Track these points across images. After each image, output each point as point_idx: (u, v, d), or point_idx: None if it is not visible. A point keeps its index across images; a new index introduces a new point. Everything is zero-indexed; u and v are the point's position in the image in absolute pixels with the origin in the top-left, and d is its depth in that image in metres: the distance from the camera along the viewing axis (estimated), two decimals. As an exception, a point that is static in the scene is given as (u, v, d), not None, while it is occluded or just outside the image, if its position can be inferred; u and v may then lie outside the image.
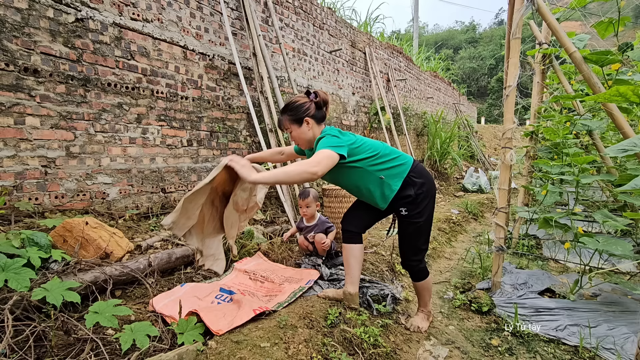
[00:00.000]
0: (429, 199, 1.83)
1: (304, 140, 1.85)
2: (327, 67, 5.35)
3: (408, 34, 17.18)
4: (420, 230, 1.84)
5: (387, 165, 1.79)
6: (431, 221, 1.89)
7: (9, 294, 1.46)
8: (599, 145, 2.69)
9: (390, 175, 1.79)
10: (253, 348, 1.47)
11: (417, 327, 2.01)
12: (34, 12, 2.25)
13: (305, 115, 1.78)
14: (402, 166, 1.81)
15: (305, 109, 1.78)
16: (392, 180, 1.79)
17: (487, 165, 10.79)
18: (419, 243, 1.88)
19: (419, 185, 1.79)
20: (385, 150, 1.85)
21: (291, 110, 1.80)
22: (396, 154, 1.86)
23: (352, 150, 1.75)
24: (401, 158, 1.84)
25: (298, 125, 1.81)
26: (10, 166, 2.18)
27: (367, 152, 1.79)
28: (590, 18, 2.24)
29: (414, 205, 1.79)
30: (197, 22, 3.31)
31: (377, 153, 1.81)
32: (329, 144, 1.64)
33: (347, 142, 1.73)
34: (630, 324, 1.88)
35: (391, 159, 1.81)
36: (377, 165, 1.79)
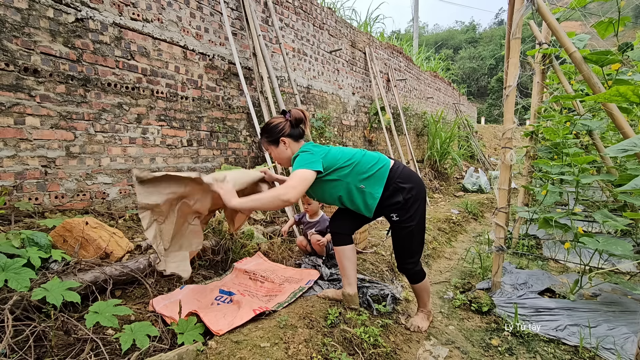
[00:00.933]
0: (419, 202, 1.81)
1: (283, 159, 1.88)
2: (327, 67, 5.35)
3: (408, 34, 17.18)
4: (413, 233, 1.83)
5: (366, 173, 1.78)
6: (424, 223, 1.88)
7: (9, 294, 1.46)
8: (599, 145, 2.69)
9: (371, 183, 1.78)
10: (253, 348, 1.47)
11: (417, 326, 2.02)
12: (34, 12, 2.25)
13: (280, 135, 1.80)
14: (380, 170, 1.78)
15: (280, 129, 1.80)
16: (373, 187, 1.78)
17: (487, 165, 10.79)
18: (412, 246, 1.88)
19: (407, 190, 1.77)
20: (361, 156, 1.83)
21: (267, 132, 1.83)
22: (373, 159, 1.83)
23: (328, 162, 1.75)
24: (379, 162, 1.81)
25: (275, 146, 1.84)
26: (10, 166, 2.18)
27: (342, 161, 1.78)
28: (590, 18, 2.24)
29: (404, 211, 1.78)
30: (197, 22, 3.31)
31: (353, 161, 1.79)
32: (302, 163, 1.66)
33: (320, 155, 1.74)
34: (630, 324, 1.88)
35: (369, 166, 1.79)
36: (356, 175, 1.78)
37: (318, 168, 1.68)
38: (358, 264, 2.73)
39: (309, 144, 1.83)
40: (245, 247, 2.60)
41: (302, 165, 1.66)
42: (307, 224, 2.68)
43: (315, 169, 1.67)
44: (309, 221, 2.67)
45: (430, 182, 7.27)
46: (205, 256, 2.35)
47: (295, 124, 1.84)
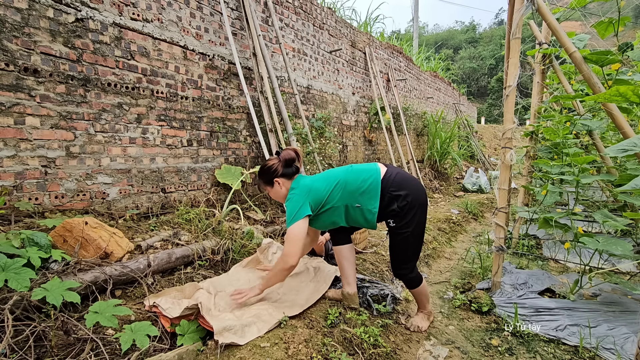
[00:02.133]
0: (417, 209, 1.78)
1: (279, 197, 1.94)
2: (327, 67, 5.35)
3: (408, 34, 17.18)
4: (408, 240, 1.82)
5: (358, 191, 1.80)
6: (422, 231, 1.86)
7: (9, 294, 1.46)
8: (599, 145, 2.69)
9: (365, 200, 1.79)
10: (253, 348, 1.47)
11: (417, 326, 2.02)
12: (34, 12, 2.25)
13: (274, 176, 1.87)
14: (372, 184, 1.79)
15: (273, 170, 1.86)
16: (369, 203, 1.79)
17: (487, 165, 10.79)
18: (408, 253, 1.87)
19: (402, 197, 1.76)
20: (348, 174, 1.85)
21: (262, 174, 1.91)
22: (362, 173, 1.83)
23: (315, 199, 1.81)
24: (369, 176, 1.81)
25: (271, 187, 1.91)
26: (10, 166, 2.18)
27: (329, 190, 1.82)
28: (590, 18, 2.24)
29: (400, 217, 1.79)
30: (197, 22, 3.31)
31: (340, 185, 1.82)
32: (290, 217, 1.75)
33: (304, 195, 1.79)
34: (630, 324, 1.88)
35: (359, 182, 1.80)
36: (349, 196, 1.81)
37: (307, 213, 1.76)
38: (358, 264, 2.73)
39: (295, 181, 1.89)
40: (245, 247, 2.60)
41: (291, 221, 1.75)
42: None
43: (304, 215, 1.75)
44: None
45: (430, 182, 7.27)
46: (205, 256, 2.35)
47: (287, 164, 1.88)
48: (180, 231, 2.61)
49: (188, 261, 2.28)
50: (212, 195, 3.40)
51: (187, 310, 1.63)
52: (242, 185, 3.61)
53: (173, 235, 2.53)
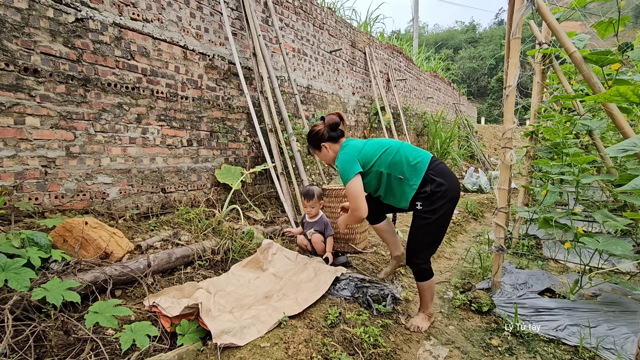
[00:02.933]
0: (447, 200, 1.81)
1: (328, 160, 2.10)
2: (327, 67, 5.35)
3: (408, 34, 17.18)
4: (430, 227, 1.84)
5: (404, 163, 1.87)
6: (445, 224, 1.87)
7: (9, 294, 1.46)
8: (599, 145, 2.69)
9: (410, 174, 1.85)
10: (253, 348, 1.47)
11: (417, 327, 2.02)
12: (34, 12, 2.25)
13: (321, 141, 2.03)
14: (419, 164, 1.85)
15: (320, 135, 2.02)
16: (412, 178, 1.85)
17: (487, 165, 10.79)
18: (426, 240, 1.89)
19: (437, 184, 1.80)
20: (399, 147, 1.93)
21: (310, 140, 2.08)
22: (414, 150, 1.93)
23: (363, 158, 1.91)
24: (419, 152, 1.91)
25: (319, 151, 2.07)
26: (10, 166, 2.18)
27: (378, 153, 1.91)
28: (590, 18, 2.24)
29: (428, 202, 1.82)
30: (197, 22, 3.31)
31: (388, 148, 1.92)
32: (345, 174, 1.87)
33: (355, 153, 1.90)
34: (630, 324, 1.88)
35: (410, 157, 1.87)
36: (393, 165, 1.88)
37: (358, 170, 1.87)
38: (358, 264, 2.74)
39: (347, 145, 1.99)
40: (245, 247, 2.60)
41: (346, 179, 1.87)
42: (307, 224, 2.70)
43: (356, 172, 1.86)
44: (309, 221, 2.68)
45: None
46: (205, 256, 2.35)
47: (331, 128, 2.03)
48: (180, 231, 2.61)
49: (188, 261, 2.28)
50: (212, 195, 3.40)
51: (187, 309, 1.63)
52: (242, 185, 3.61)
53: (173, 235, 2.53)
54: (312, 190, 2.61)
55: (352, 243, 2.89)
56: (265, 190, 3.98)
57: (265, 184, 4.02)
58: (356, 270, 2.63)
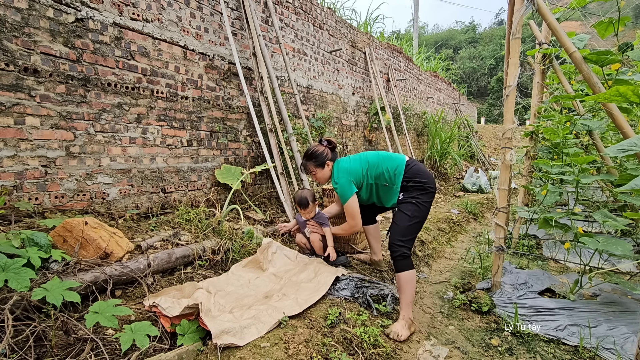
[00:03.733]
0: (423, 191, 2.13)
1: (325, 178, 2.35)
2: (327, 67, 5.35)
3: (408, 34, 17.18)
4: (412, 211, 2.08)
5: (385, 174, 2.20)
6: (424, 212, 2.12)
7: (9, 294, 1.46)
8: (599, 145, 2.69)
9: (391, 180, 2.19)
10: (253, 348, 1.47)
11: (397, 333, 1.89)
12: (34, 12, 2.25)
13: (325, 160, 2.30)
14: (397, 169, 2.19)
15: (325, 155, 2.30)
16: (395, 182, 2.19)
17: (487, 165, 10.79)
18: (407, 223, 2.08)
19: (413, 181, 2.15)
20: (379, 159, 2.25)
21: (315, 158, 2.30)
22: (391, 159, 2.24)
23: (356, 180, 2.22)
24: (395, 161, 2.23)
25: (321, 169, 2.31)
26: (10, 166, 2.18)
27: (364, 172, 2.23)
28: (590, 18, 2.24)
29: (409, 192, 2.14)
30: (197, 22, 3.31)
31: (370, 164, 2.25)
32: (345, 195, 2.19)
33: (349, 178, 2.20)
34: (630, 324, 1.88)
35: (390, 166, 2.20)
36: (378, 175, 2.22)
37: (354, 191, 2.19)
38: (358, 264, 2.74)
39: (336, 164, 2.30)
40: (245, 247, 2.60)
41: (345, 199, 2.19)
42: (304, 222, 2.66)
43: (353, 192, 2.18)
44: (301, 220, 2.64)
45: (430, 182, 7.26)
46: (205, 256, 2.35)
47: (332, 149, 2.36)
48: (180, 231, 2.61)
49: (188, 261, 2.28)
50: (212, 195, 3.40)
51: (187, 309, 1.63)
52: (242, 185, 3.61)
53: (173, 235, 2.53)
54: (304, 198, 2.48)
55: (352, 243, 2.89)
56: (265, 190, 3.98)
57: (265, 184, 4.03)
58: (356, 270, 2.63)
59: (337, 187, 2.22)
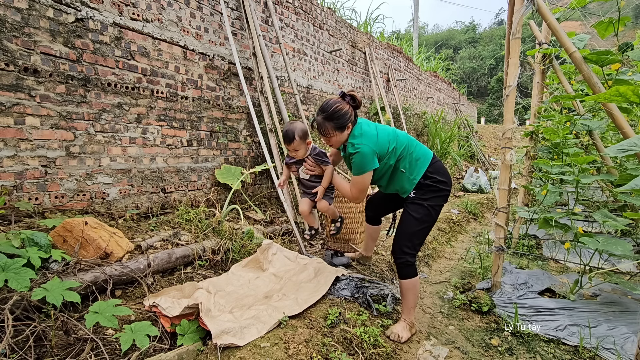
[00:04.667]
0: (439, 192, 1.92)
1: (341, 142, 1.94)
2: (327, 67, 5.35)
3: (408, 34, 17.18)
4: (423, 215, 1.89)
5: (410, 157, 1.93)
6: (433, 215, 1.93)
7: (9, 294, 1.46)
8: (599, 145, 2.69)
9: (412, 168, 1.92)
10: (253, 348, 1.47)
11: (398, 335, 1.87)
12: (34, 12, 2.25)
13: (348, 122, 1.85)
14: (420, 161, 1.93)
15: (349, 116, 1.84)
16: (414, 172, 1.92)
17: (487, 165, 10.79)
18: (419, 229, 1.91)
19: (432, 180, 1.91)
20: (409, 140, 1.98)
21: (337, 118, 1.82)
22: (421, 146, 1.99)
23: (380, 149, 1.86)
24: (424, 149, 1.99)
25: (341, 132, 1.86)
26: (10, 166, 2.18)
27: (391, 148, 1.90)
28: (590, 18, 2.24)
29: (422, 191, 1.91)
30: (197, 22, 3.31)
31: (399, 141, 1.93)
32: (362, 166, 1.82)
33: (373, 144, 1.83)
34: (630, 324, 1.88)
35: (418, 151, 1.95)
36: (401, 157, 1.92)
37: (375, 166, 1.84)
38: (357, 264, 2.74)
39: (358, 126, 1.89)
40: (245, 247, 2.60)
41: (360, 171, 1.83)
42: (298, 164, 2.15)
43: (372, 169, 1.84)
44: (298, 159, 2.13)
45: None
46: (205, 256, 2.35)
47: (356, 108, 1.89)
48: (180, 231, 2.61)
49: (188, 261, 2.28)
50: (212, 195, 3.40)
51: (187, 309, 1.63)
52: (242, 185, 3.61)
53: (173, 235, 2.53)
54: (291, 131, 1.99)
55: (352, 243, 2.89)
56: (265, 190, 3.98)
57: (265, 184, 4.03)
58: (356, 270, 2.63)
59: (356, 155, 1.80)
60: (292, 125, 2.02)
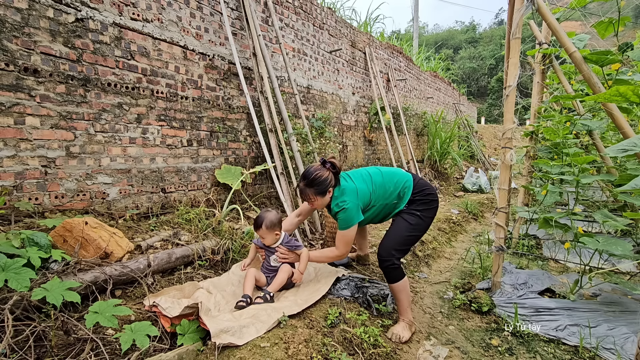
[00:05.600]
0: (429, 204, 2.06)
1: (324, 205, 2.06)
2: (327, 67, 5.35)
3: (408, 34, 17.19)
4: (414, 222, 2.01)
5: (394, 194, 2.07)
6: (424, 228, 2.06)
7: (9, 294, 1.46)
8: (599, 145, 2.69)
9: (399, 200, 2.09)
10: (253, 348, 1.47)
11: (399, 336, 1.90)
12: (34, 12, 2.25)
13: (329, 187, 1.97)
14: (406, 189, 2.08)
15: (329, 182, 1.96)
16: (402, 202, 2.09)
17: (487, 165, 10.79)
18: (408, 236, 2.01)
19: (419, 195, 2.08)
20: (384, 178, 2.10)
21: (317, 185, 1.94)
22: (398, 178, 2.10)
23: (363, 200, 2.01)
24: (404, 185, 2.09)
25: (322, 196, 1.98)
26: (10, 166, 2.18)
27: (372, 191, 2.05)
28: (590, 18, 2.24)
29: (412, 204, 2.07)
30: (197, 22, 3.31)
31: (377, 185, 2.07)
32: (348, 222, 1.95)
33: (355, 199, 1.98)
34: (630, 324, 1.88)
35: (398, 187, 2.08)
36: (386, 197, 2.07)
37: (360, 219, 1.98)
38: (357, 264, 2.74)
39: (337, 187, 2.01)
40: (245, 247, 2.60)
41: (347, 225, 1.96)
42: (268, 250, 2.15)
43: (357, 221, 1.97)
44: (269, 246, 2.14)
45: (430, 182, 7.27)
46: (205, 256, 2.35)
47: (336, 174, 2.00)
48: (180, 231, 2.61)
49: (188, 261, 2.28)
50: (212, 195, 3.40)
51: (187, 309, 1.63)
52: (242, 185, 3.61)
53: (173, 235, 2.53)
54: (260, 219, 2.05)
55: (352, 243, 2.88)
56: (265, 190, 3.98)
57: (265, 184, 4.03)
58: (356, 270, 2.63)
59: (340, 212, 1.93)
60: (264, 214, 2.10)
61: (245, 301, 1.84)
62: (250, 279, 2.02)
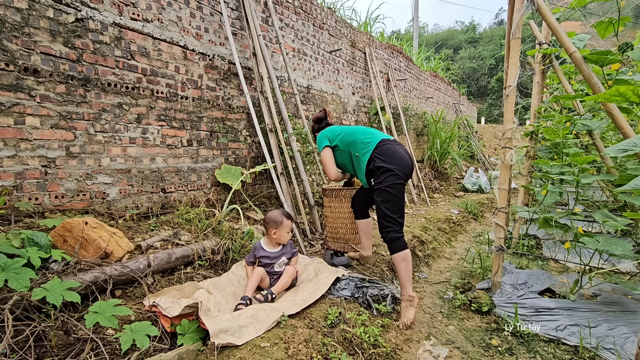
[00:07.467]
0: (390, 172, 2.15)
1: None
2: (327, 67, 5.35)
3: (408, 34, 17.18)
4: (383, 194, 2.14)
5: (357, 144, 2.33)
6: (397, 192, 2.15)
7: (9, 294, 1.46)
8: (599, 145, 2.69)
9: (361, 154, 2.29)
10: (253, 348, 1.47)
11: (405, 322, 2.03)
12: (34, 12, 2.25)
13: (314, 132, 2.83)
14: (368, 144, 2.27)
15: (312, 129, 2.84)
16: (363, 157, 2.28)
17: (487, 165, 10.79)
18: (386, 208, 2.13)
19: (382, 161, 2.18)
20: (355, 129, 2.42)
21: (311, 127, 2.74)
22: (366, 135, 2.35)
23: (332, 136, 2.51)
24: (369, 137, 2.32)
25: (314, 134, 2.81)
26: (10, 166, 2.18)
27: (341, 135, 2.45)
28: (590, 18, 2.24)
29: (376, 176, 2.19)
30: (197, 22, 3.31)
31: (346, 131, 2.44)
32: (318, 146, 2.59)
33: (325, 134, 2.55)
34: (630, 324, 1.88)
35: (362, 138, 2.33)
36: (350, 145, 2.37)
37: (326, 144, 2.50)
38: (357, 264, 2.74)
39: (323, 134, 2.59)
40: (245, 247, 2.60)
41: (319, 148, 2.55)
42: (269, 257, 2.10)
43: (324, 145, 2.50)
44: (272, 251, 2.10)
45: (430, 182, 7.27)
46: (205, 256, 2.35)
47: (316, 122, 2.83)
48: (180, 231, 2.61)
49: (188, 261, 2.28)
50: (212, 195, 3.40)
51: (187, 309, 1.63)
52: (242, 185, 3.61)
53: (173, 235, 2.53)
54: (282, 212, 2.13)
55: (352, 243, 2.89)
56: (265, 190, 3.98)
57: (265, 184, 4.02)
58: (356, 270, 2.63)
59: (317, 140, 2.61)
60: (280, 209, 2.23)
61: (245, 303, 1.83)
62: (256, 279, 2.00)
